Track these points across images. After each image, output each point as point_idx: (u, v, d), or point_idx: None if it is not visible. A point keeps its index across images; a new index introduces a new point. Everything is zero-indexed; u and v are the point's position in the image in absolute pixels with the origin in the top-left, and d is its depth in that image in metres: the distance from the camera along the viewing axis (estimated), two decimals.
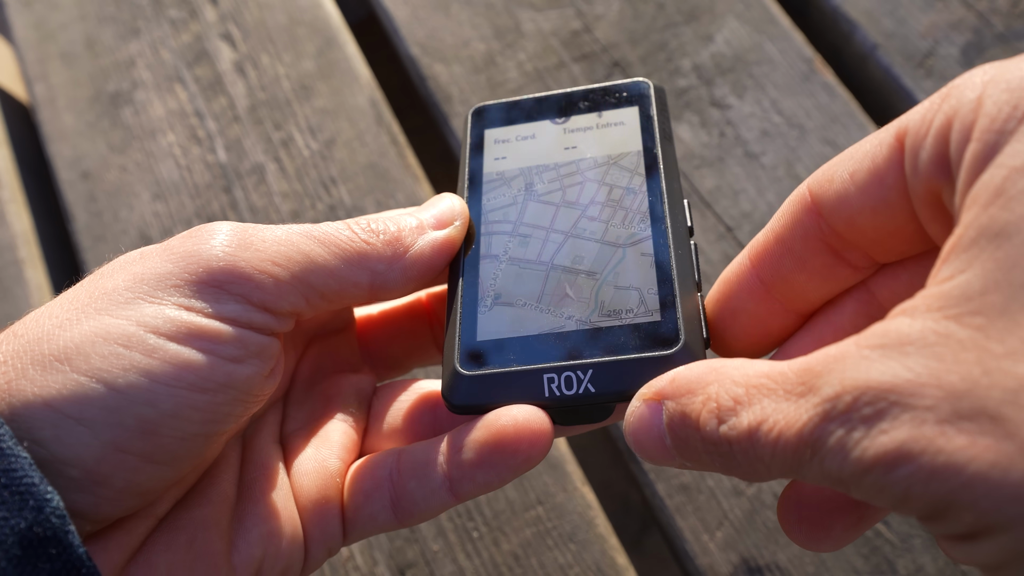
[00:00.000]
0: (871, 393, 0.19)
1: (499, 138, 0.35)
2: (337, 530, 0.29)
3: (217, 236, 0.28)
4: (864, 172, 0.24)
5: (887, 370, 0.19)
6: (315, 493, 0.29)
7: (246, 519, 0.28)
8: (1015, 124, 0.20)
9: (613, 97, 0.34)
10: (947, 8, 0.52)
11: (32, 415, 0.24)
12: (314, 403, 0.32)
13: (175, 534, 0.27)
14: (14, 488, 0.23)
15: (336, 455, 0.30)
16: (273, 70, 0.60)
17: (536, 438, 0.27)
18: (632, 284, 0.29)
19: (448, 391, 0.29)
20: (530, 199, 0.33)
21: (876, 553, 0.41)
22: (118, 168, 0.58)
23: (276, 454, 0.30)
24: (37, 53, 0.64)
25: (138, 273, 0.27)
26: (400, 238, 0.30)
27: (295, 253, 0.28)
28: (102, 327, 0.25)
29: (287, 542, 0.28)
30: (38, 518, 0.23)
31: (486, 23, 0.58)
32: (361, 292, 0.29)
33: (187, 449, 0.26)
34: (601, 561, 0.43)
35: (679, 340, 0.27)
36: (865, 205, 0.24)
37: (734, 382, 0.22)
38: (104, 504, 0.25)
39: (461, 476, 0.28)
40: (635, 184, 0.32)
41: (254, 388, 0.27)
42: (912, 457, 0.18)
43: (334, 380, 0.33)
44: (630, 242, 0.30)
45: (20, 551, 0.22)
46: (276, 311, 0.28)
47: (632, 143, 0.33)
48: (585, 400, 0.28)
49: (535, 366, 0.28)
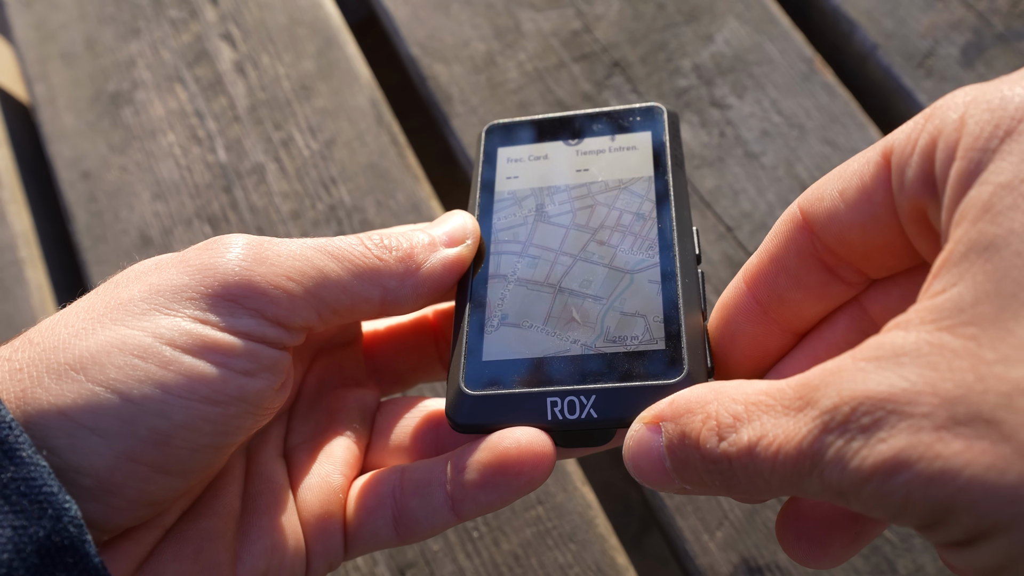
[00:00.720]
0: (869, 403, 0.19)
1: (512, 157, 0.35)
2: (339, 545, 0.30)
3: (233, 249, 0.28)
4: (853, 190, 0.25)
5: (883, 380, 0.19)
6: (318, 508, 0.29)
7: (251, 531, 0.28)
8: (997, 143, 0.20)
9: (626, 121, 0.34)
10: (947, 8, 0.52)
11: (47, 423, 0.24)
12: (319, 417, 0.32)
13: (182, 545, 0.27)
14: (33, 497, 0.23)
15: (339, 470, 0.30)
16: (273, 70, 0.60)
17: (539, 461, 0.27)
18: (638, 311, 0.30)
19: (452, 410, 0.29)
20: (540, 220, 0.33)
21: (876, 553, 0.41)
22: (118, 168, 0.58)
23: (280, 467, 0.31)
24: (37, 53, 0.64)
25: (154, 284, 0.27)
26: (412, 255, 0.30)
27: (309, 268, 0.28)
28: (118, 338, 0.25)
29: (290, 556, 0.29)
30: (56, 527, 0.23)
31: (486, 23, 0.58)
32: (372, 307, 0.30)
33: (198, 460, 0.26)
34: (601, 561, 0.43)
35: (683, 369, 0.28)
36: (855, 221, 0.25)
37: (733, 400, 0.23)
38: (115, 513, 0.25)
39: (463, 496, 0.28)
40: (645, 210, 0.32)
41: (265, 401, 0.28)
42: (910, 464, 0.18)
43: (339, 394, 0.33)
44: (638, 268, 0.31)
45: (38, 559, 0.22)
46: (289, 325, 0.28)
47: (644, 168, 0.33)
48: (587, 425, 0.28)
49: (539, 389, 0.28)
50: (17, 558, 0.22)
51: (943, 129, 0.22)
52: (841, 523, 0.26)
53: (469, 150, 0.54)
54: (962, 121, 0.21)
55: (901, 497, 0.19)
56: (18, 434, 0.23)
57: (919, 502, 0.18)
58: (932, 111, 0.23)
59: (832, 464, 0.20)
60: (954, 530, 0.19)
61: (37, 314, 0.55)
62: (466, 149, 0.54)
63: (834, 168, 0.26)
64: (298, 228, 0.54)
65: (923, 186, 0.22)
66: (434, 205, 0.53)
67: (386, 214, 0.53)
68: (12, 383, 0.25)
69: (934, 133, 0.22)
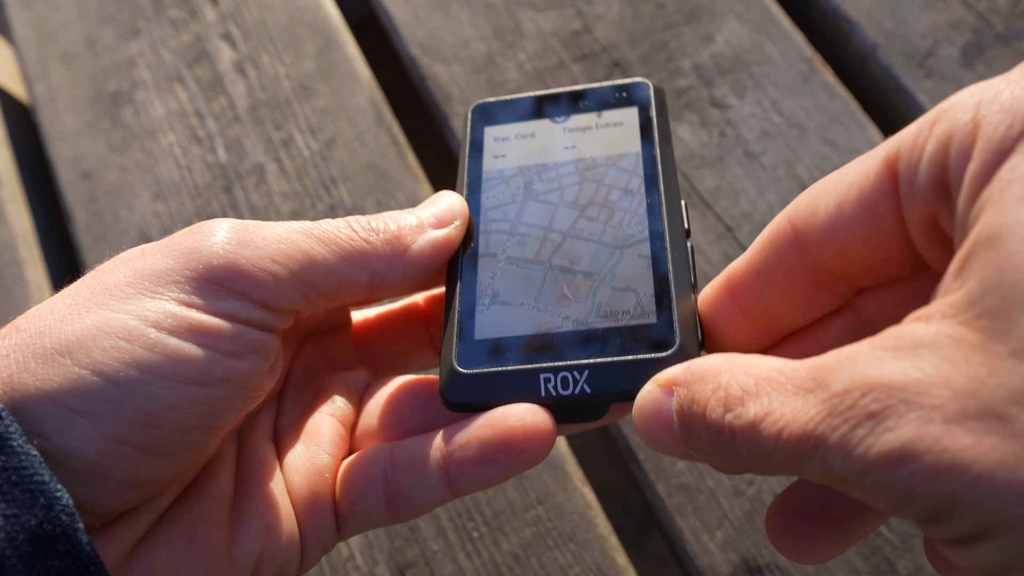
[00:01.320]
0: (880, 391, 0.19)
1: (499, 136, 0.35)
2: (331, 526, 0.30)
3: (217, 233, 0.28)
4: (852, 202, 0.24)
5: (897, 369, 0.19)
6: (306, 490, 0.30)
7: (244, 513, 0.29)
8: (1011, 142, 0.20)
9: (613, 97, 0.34)
10: (947, 8, 0.52)
11: (34, 408, 0.24)
12: (306, 399, 0.32)
13: (175, 527, 0.27)
14: (24, 486, 0.23)
15: (325, 450, 0.30)
16: (273, 70, 0.60)
17: (543, 437, 0.27)
18: (629, 286, 0.30)
19: (445, 388, 0.29)
20: (529, 198, 0.33)
21: (876, 553, 0.41)
22: (118, 168, 0.58)
23: (271, 450, 0.31)
24: (37, 53, 0.64)
25: (139, 269, 0.27)
26: (400, 237, 0.30)
27: (295, 251, 0.28)
28: (103, 321, 0.25)
29: (285, 537, 0.29)
30: (48, 516, 0.23)
31: (486, 23, 0.58)
32: (360, 290, 0.30)
33: (187, 441, 0.26)
34: (601, 561, 0.43)
35: (675, 342, 0.28)
36: (856, 235, 0.24)
37: (745, 373, 0.23)
38: (106, 496, 0.25)
39: (461, 472, 0.28)
40: (633, 185, 0.32)
41: (253, 383, 0.28)
42: (917, 456, 0.18)
43: (327, 377, 0.33)
44: (627, 243, 0.31)
45: (31, 548, 0.23)
46: (275, 308, 0.28)
47: (631, 144, 0.33)
48: (581, 400, 0.28)
49: (532, 366, 0.29)
50: (9, 547, 0.22)
51: (955, 132, 0.21)
52: (830, 522, 0.26)
53: None
54: (975, 123, 0.21)
55: (904, 489, 0.18)
56: (8, 423, 0.23)
57: (923, 495, 0.18)
58: (938, 115, 0.22)
59: (836, 449, 0.19)
60: (957, 526, 0.18)
61: None
62: None
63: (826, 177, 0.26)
64: None
65: (935, 192, 0.22)
66: None
67: None
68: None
69: (944, 137, 0.22)
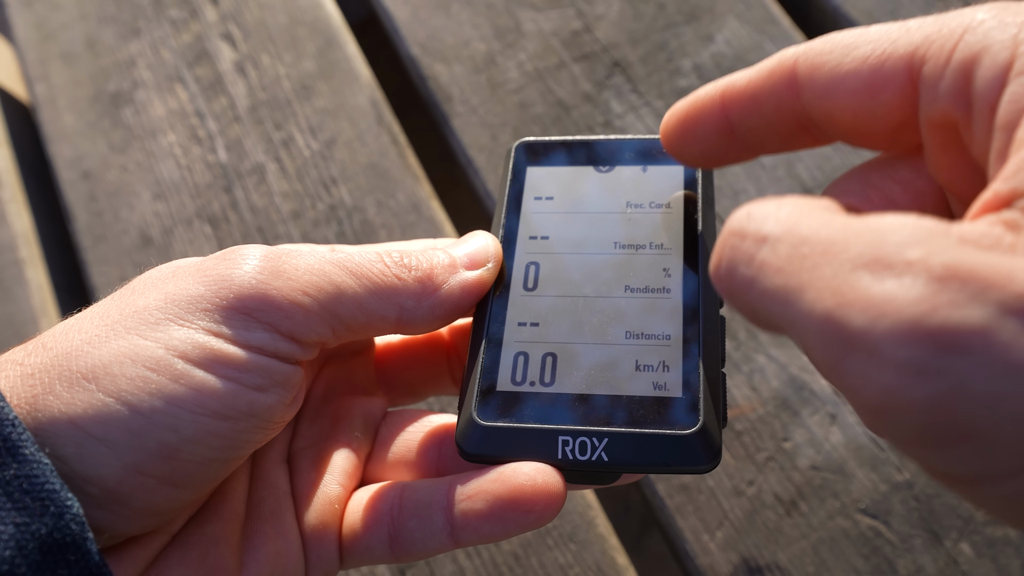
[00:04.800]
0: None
1: (540, 178, 0.34)
2: (334, 556, 0.30)
3: (249, 261, 0.27)
4: (861, 80, 0.24)
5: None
6: (315, 519, 0.29)
7: (255, 538, 0.28)
8: None
9: (659, 151, 0.34)
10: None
11: (56, 431, 0.24)
12: (323, 423, 0.32)
13: (187, 550, 0.27)
14: (35, 494, 0.23)
15: (337, 480, 0.30)
16: (273, 70, 0.60)
17: (552, 499, 0.27)
18: (659, 356, 0.29)
19: (462, 438, 0.29)
20: (565, 249, 0.32)
21: (876, 553, 0.41)
22: (118, 168, 0.58)
23: (284, 473, 0.31)
24: (38, 53, 0.64)
25: (170, 293, 0.27)
26: (432, 276, 0.30)
27: (326, 283, 0.28)
28: (131, 348, 0.25)
29: (292, 564, 0.29)
30: (58, 524, 0.23)
31: (486, 23, 0.58)
32: (387, 325, 0.29)
33: (205, 473, 0.26)
34: (601, 561, 0.43)
35: (698, 421, 0.27)
36: (849, 108, 0.24)
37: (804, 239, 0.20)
38: (121, 521, 0.25)
39: (466, 524, 0.27)
40: (673, 247, 0.31)
41: (275, 416, 0.27)
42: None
43: (345, 401, 0.33)
44: (661, 312, 0.30)
45: (40, 556, 0.22)
46: (303, 341, 0.28)
47: (674, 202, 0.32)
48: (596, 467, 0.27)
49: (552, 426, 0.28)
50: (19, 555, 0.22)
51: (990, 47, 0.21)
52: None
53: (469, 150, 0.54)
54: (1016, 42, 0.21)
55: None
56: (20, 431, 0.23)
57: None
58: (967, 23, 0.22)
59: None
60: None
61: (37, 314, 0.55)
62: (466, 149, 0.54)
63: (845, 34, 0.25)
64: (298, 228, 0.54)
65: (956, 102, 0.22)
66: (434, 205, 0.53)
67: (386, 214, 0.53)
68: (24, 388, 0.25)
69: (975, 49, 0.21)
